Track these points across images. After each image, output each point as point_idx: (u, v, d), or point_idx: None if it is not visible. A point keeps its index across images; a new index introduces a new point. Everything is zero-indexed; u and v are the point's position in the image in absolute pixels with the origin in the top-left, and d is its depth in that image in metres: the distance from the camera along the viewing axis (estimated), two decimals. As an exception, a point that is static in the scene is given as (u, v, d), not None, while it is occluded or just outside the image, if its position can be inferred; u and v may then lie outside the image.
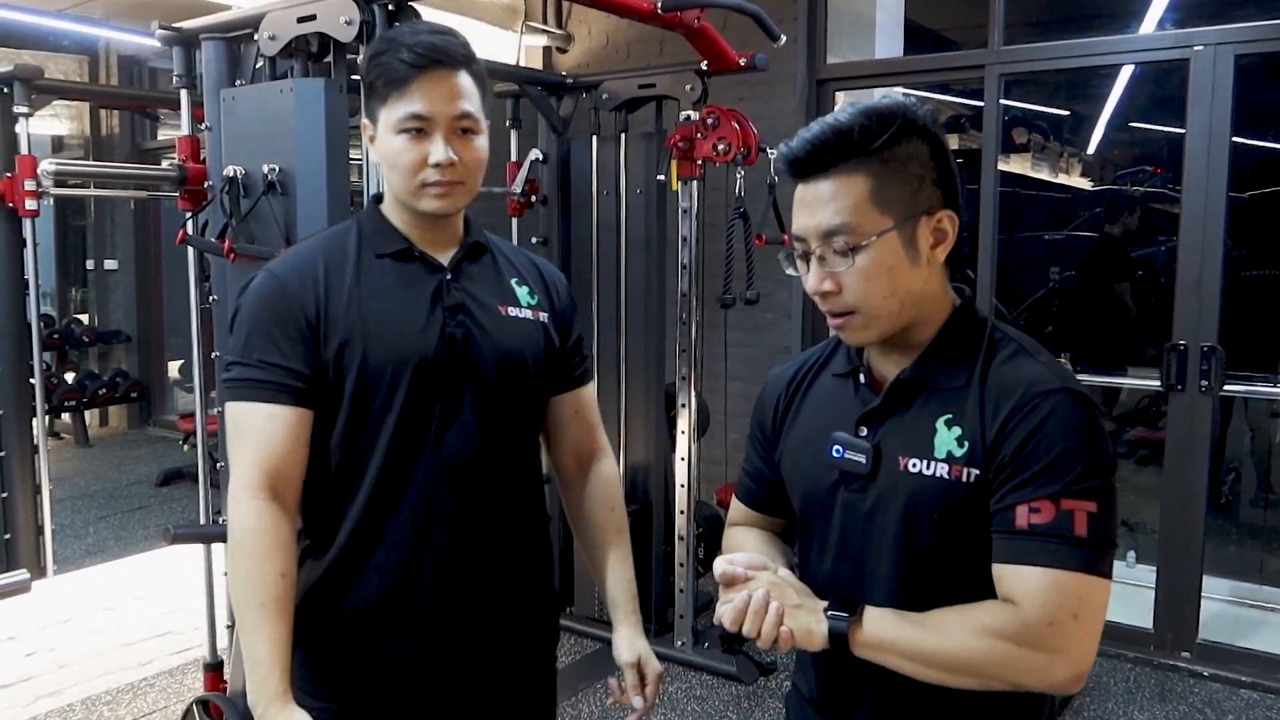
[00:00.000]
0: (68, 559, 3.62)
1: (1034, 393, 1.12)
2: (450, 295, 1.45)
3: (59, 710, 3.28)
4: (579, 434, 1.64)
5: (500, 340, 1.47)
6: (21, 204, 3.16)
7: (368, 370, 1.39)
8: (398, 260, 1.46)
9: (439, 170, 1.39)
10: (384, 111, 1.41)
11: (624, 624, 1.58)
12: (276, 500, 1.37)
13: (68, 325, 6.34)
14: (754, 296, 3.54)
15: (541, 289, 1.58)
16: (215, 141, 2.59)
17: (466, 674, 1.48)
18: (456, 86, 1.40)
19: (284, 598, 1.35)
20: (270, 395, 1.37)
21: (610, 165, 3.84)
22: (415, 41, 1.38)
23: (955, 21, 6.12)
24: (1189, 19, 4.80)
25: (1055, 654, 1.06)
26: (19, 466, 3.35)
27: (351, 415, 1.41)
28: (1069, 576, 1.06)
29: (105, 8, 4.15)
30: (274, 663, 1.32)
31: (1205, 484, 3.64)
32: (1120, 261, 5.61)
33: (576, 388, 1.62)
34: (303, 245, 1.52)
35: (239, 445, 1.39)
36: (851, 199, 1.13)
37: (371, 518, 1.42)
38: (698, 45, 3.42)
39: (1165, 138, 7.31)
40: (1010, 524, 1.10)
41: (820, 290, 1.17)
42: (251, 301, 1.43)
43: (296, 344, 1.39)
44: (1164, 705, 3.40)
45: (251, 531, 1.35)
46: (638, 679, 1.54)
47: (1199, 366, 3.56)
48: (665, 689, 3.49)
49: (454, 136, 1.40)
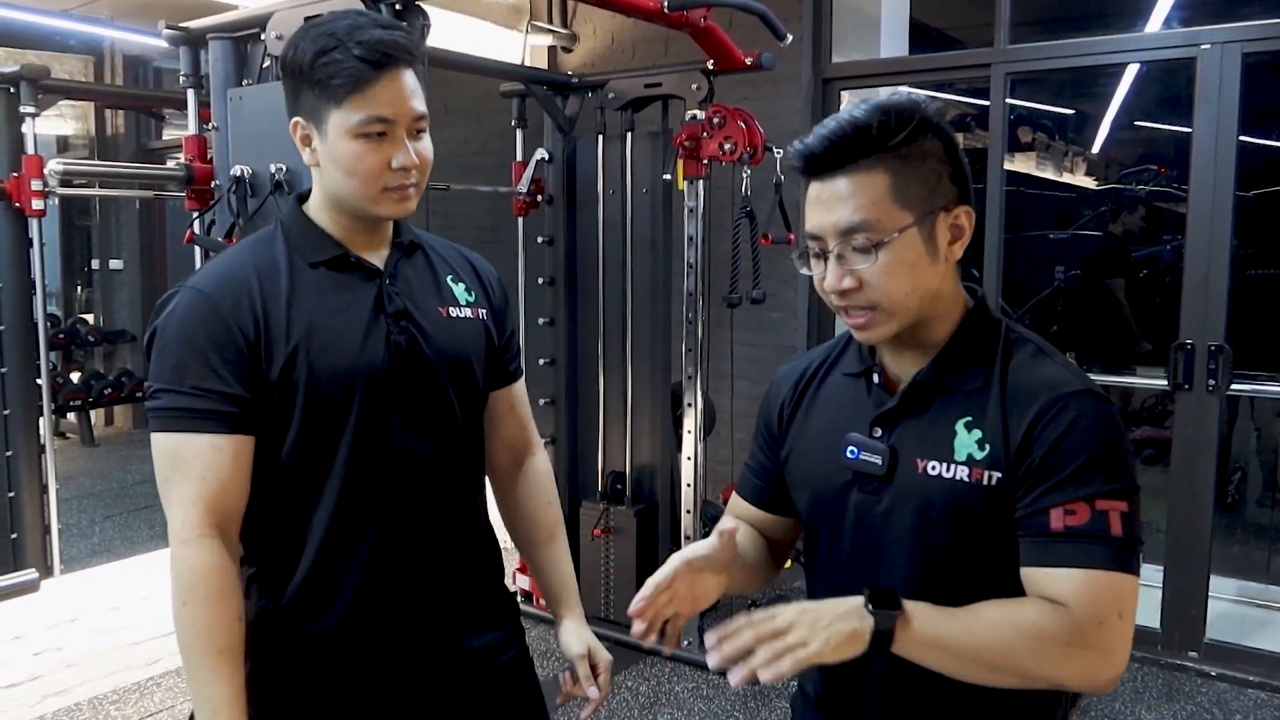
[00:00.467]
0: (74, 558, 3.62)
1: (1058, 395, 1.11)
2: (392, 301, 1.40)
3: (66, 709, 3.29)
4: (513, 430, 1.61)
5: (445, 344, 1.43)
6: (28, 204, 3.17)
7: (318, 386, 1.33)
8: (332, 269, 1.39)
9: (403, 174, 1.33)
10: (337, 113, 1.30)
11: (568, 617, 1.56)
12: (223, 537, 1.29)
13: (73, 325, 6.35)
14: (760, 296, 3.54)
15: (477, 285, 1.54)
16: (222, 141, 2.60)
17: (441, 686, 1.46)
18: (412, 85, 1.33)
19: (239, 643, 1.29)
20: (211, 425, 1.28)
21: (616, 164, 3.83)
22: (369, 38, 1.29)
23: (960, 20, 6.11)
24: (1196, 17, 4.80)
25: (1103, 654, 1.06)
26: (26, 466, 3.36)
27: (303, 432, 1.34)
28: (1110, 577, 1.06)
29: (111, 8, 4.15)
30: (234, 710, 1.25)
31: (1213, 483, 3.63)
32: (1125, 260, 5.60)
33: (511, 383, 1.59)
34: (228, 257, 1.41)
35: (179, 480, 1.28)
36: (871, 195, 1.12)
37: (338, 535, 1.36)
38: (704, 44, 3.42)
39: (1170, 137, 7.30)
40: (1045, 527, 1.09)
41: (840, 288, 1.15)
42: (180, 322, 1.31)
43: (235, 366, 1.30)
44: (1171, 705, 3.39)
45: (205, 574, 1.26)
46: (589, 669, 1.52)
47: (1206, 366, 3.56)
48: (671, 688, 3.49)
49: (413, 137, 1.34)
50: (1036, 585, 1.09)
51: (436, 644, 1.45)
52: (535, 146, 3.99)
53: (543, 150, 3.96)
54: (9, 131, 3.31)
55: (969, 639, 1.07)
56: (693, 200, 3.57)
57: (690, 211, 3.58)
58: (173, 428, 1.29)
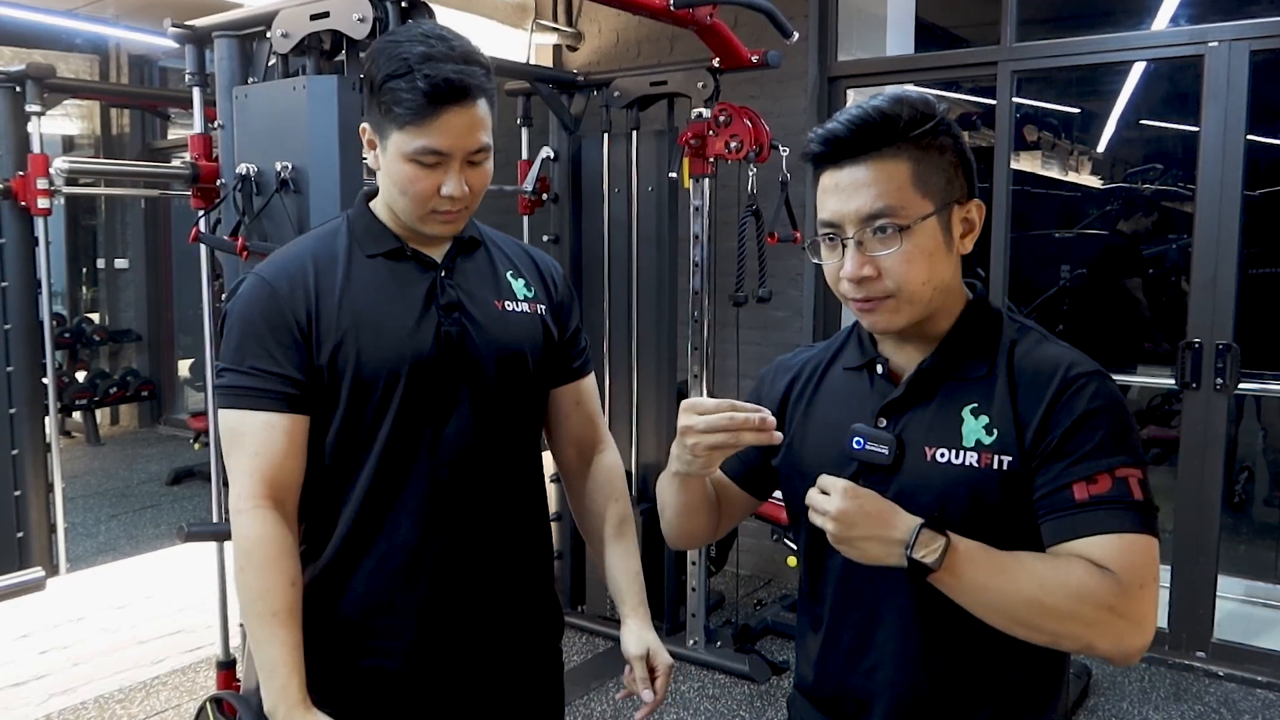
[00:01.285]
0: (79, 557, 3.62)
1: (1074, 375, 1.13)
2: (445, 293, 1.43)
3: (72, 708, 3.29)
4: (580, 426, 1.62)
5: (498, 336, 1.45)
6: (34, 203, 3.16)
7: (363, 373, 1.37)
8: (390, 259, 1.44)
9: (451, 201, 1.37)
10: (396, 135, 1.35)
11: (631, 616, 1.55)
12: (279, 509, 1.36)
13: (78, 324, 6.36)
14: (766, 294, 3.53)
15: (538, 280, 1.55)
16: (228, 139, 2.59)
17: (467, 676, 1.46)
18: (476, 118, 1.36)
19: (295, 605, 1.35)
20: (266, 403, 1.35)
21: (622, 163, 3.83)
22: (437, 73, 1.31)
23: (966, 19, 6.09)
24: (1203, 15, 4.78)
25: (1139, 619, 1.07)
26: (32, 465, 3.35)
27: (347, 417, 1.39)
28: (1142, 539, 1.08)
29: (116, 7, 4.15)
30: (292, 669, 1.31)
31: (1221, 483, 3.62)
32: (1132, 259, 5.58)
33: (577, 379, 1.61)
34: (291, 246, 1.49)
35: (237, 454, 1.37)
36: (896, 182, 1.13)
37: (367, 519, 1.40)
38: (710, 42, 3.41)
39: (1176, 135, 7.28)
40: (1069, 500, 1.09)
41: (860, 276, 1.15)
42: (242, 306, 1.40)
43: (289, 350, 1.37)
44: (1179, 705, 3.38)
45: (259, 542, 1.34)
46: (647, 672, 1.51)
47: (1214, 364, 3.55)
48: (678, 688, 3.49)
49: (466, 167, 1.37)
50: (1072, 554, 1.09)
51: (473, 636, 1.46)
52: (540, 145, 3.99)
53: (548, 149, 3.96)
54: (15, 130, 3.30)
55: (1011, 590, 1.07)
56: (698, 198, 3.56)
57: (696, 210, 3.57)
58: (232, 405, 1.37)
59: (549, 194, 4.00)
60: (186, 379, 6.46)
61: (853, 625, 1.24)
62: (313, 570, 1.43)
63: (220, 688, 2.91)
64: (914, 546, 1.06)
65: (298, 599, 1.35)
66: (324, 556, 1.42)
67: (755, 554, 4.44)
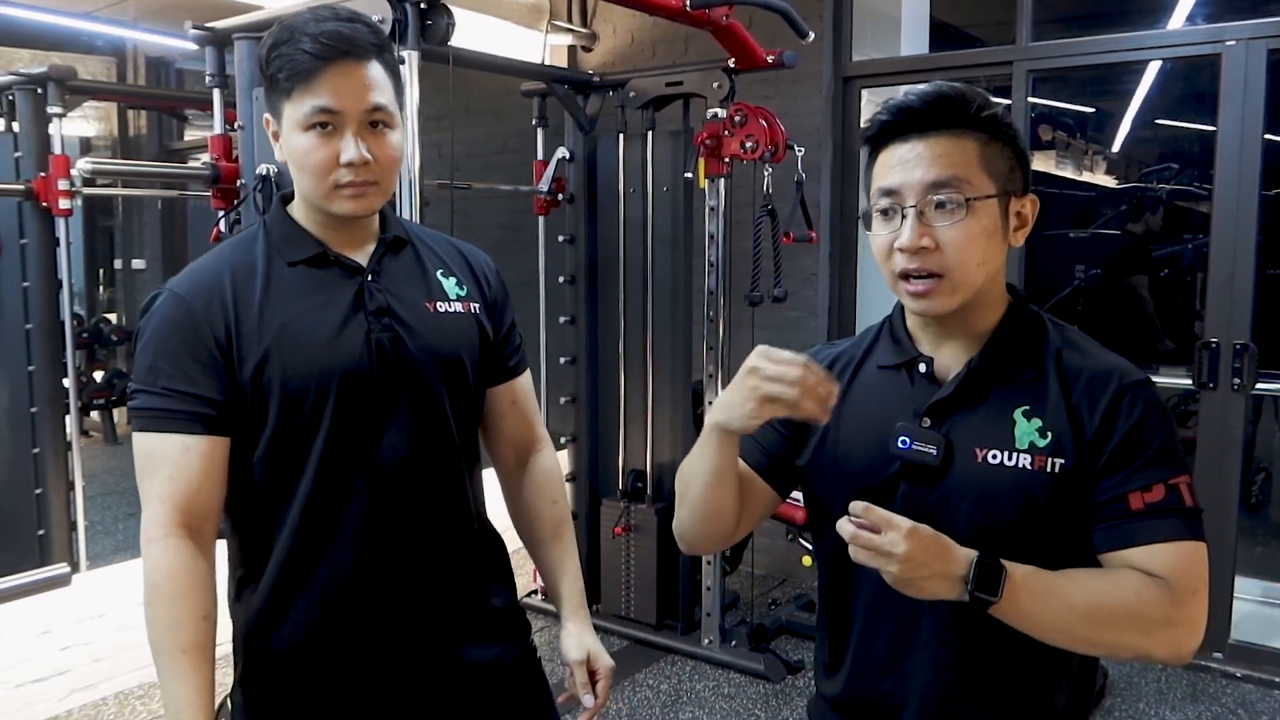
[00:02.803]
0: (99, 555, 3.64)
1: (1127, 384, 1.15)
2: (373, 299, 1.36)
3: (92, 704, 3.32)
4: (516, 426, 1.56)
5: (431, 340, 1.39)
6: (55, 203, 3.20)
7: (290, 388, 1.30)
8: (312, 266, 1.36)
9: (352, 170, 1.29)
10: (288, 106, 1.29)
11: (570, 619, 1.51)
12: (193, 538, 1.28)
13: (96, 324, 6.40)
14: (781, 294, 3.54)
15: (470, 277, 1.49)
16: (248, 140, 2.61)
17: (426, 692, 1.41)
18: (367, 78, 1.29)
19: (205, 642, 1.26)
20: (181, 425, 1.27)
21: (637, 163, 3.84)
22: (320, 30, 1.27)
23: (980, 18, 6.08)
24: (1220, 13, 4.76)
25: (1193, 624, 1.10)
26: (52, 463, 3.39)
27: (276, 434, 1.32)
28: (1195, 546, 1.10)
29: (136, 9, 4.19)
30: (199, 709, 1.22)
31: (1238, 484, 3.60)
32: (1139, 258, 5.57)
33: (512, 378, 1.55)
34: (206, 258, 1.40)
35: (150, 479, 1.28)
36: (965, 157, 1.14)
37: (305, 541, 1.34)
38: (725, 43, 3.42)
39: (1192, 135, 7.24)
40: (1125, 509, 1.11)
41: (918, 245, 1.13)
42: (156, 324, 1.31)
43: (207, 369, 1.29)
44: (1196, 706, 3.37)
45: (168, 573, 1.26)
46: (587, 676, 1.47)
47: (1231, 364, 3.53)
48: (693, 687, 3.49)
49: (366, 132, 1.30)
50: (1127, 563, 1.11)
51: (424, 656, 1.40)
52: (556, 145, 4.00)
53: (564, 149, 3.97)
54: (36, 132, 3.34)
55: (1067, 611, 1.08)
56: (714, 199, 3.57)
57: (711, 210, 3.58)
58: (146, 427, 1.29)
59: (564, 194, 4.01)
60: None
61: (888, 631, 1.22)
62: (251, 596, 1.36)
63: (239, 684, 2.93)
64: (974, 580, 1.05)
65: (209, 635, 1.27)
66: (262, 581, 1.35)
67: (770, 554, 4.44)
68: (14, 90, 3.38)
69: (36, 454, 3.39)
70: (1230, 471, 3.58)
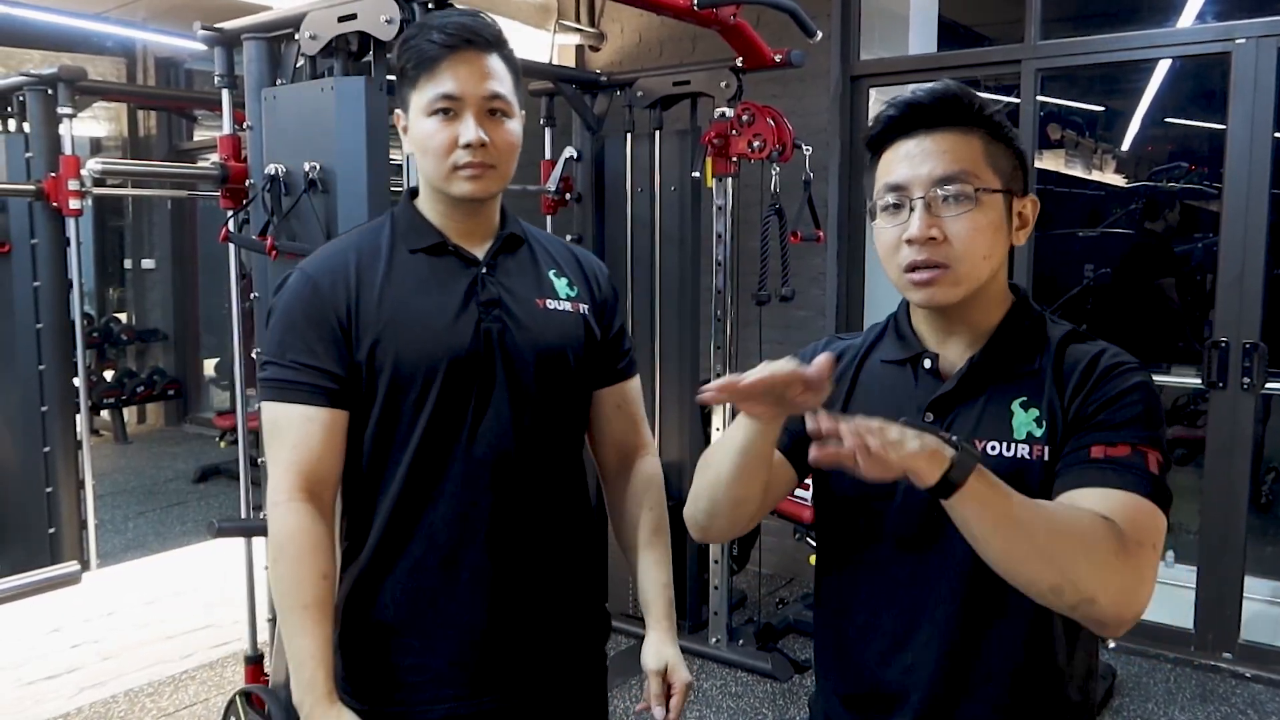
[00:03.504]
0: (109, 553, 3.66)
1: (1114, 363, 1.15)
2: (485, 290, 1.42)
3: (102, 701, 3.34)
4: (622, 429, 1.59)
5: (537, 335, 1.44)
6: (66, 204, 3.21)
7: (400, 368, 1.37)
8: (431, 255, 1.44)
9: (470, 151, 1.36)
10: (415, 95, 1.39)
11: (654, 629, 1.51)
12: (314, 502, 1.36)
13: (106, 324, 6.43)
14: (789, 293, 3.53)
15: (581, 280, 1.54)
16: (256, 140, 2.62)
17: (509, 674, 1.44)
18: (487, 67, 1.38)
19: (325, 599, 1.35)
20: (305, 396, 1.36)
21: (645, 163, 3.84)
22: (445, 23, 1.37)
23: (988, 18, 6.07)
24: (1230, 11, 4.74)
25: (1140, 577, 1.03)
26: (63, 462, 3.40)
27: (383, 413, 1.39)
28: (1148, 505, 1.07)
29: (146, 10, 4.20)
30: (319, 662, 1.31)
31: (1247, 483, 3.59)
32: (1163, 258, 5.55)
33: (619, 381, 1.58)
34: (336, 242, 1.50)
35: (275, 447, 1.38)
36: (971, 152, 1.16)
37: (402, 516, 1.40)
38: (733, 42, 3.42)
39: (1201, 133, 7.22)
40: (1085, 457, 1.10)
41: (926, 235, 1.14)
42: (285, 301, 1.41)
43: (329, 344, 1.37)
44: (1205, 706, 3.36)
45: (291, 534, 1.35)
46: (662, 688, 1.48)
47: (1241, 364, 3.52)
48: (700, 685, 3.49)
49: (485, 118, 1.38)
50: (1075, 504, 1.08)
51: (511, 638, 1.44)
52: (564, 145, 4.01)
53: (571, 149, 3.97)
54: (47, 132, 3.35)
55: (1027, 517, 1.02)
56: (721, 198, 3.57)
57: (719, 209, 3.58)
58: (273, 398, 1.38)
59: (572, 194, 4.01)
60: (212, 378, 6.52)
61: (890, 622, 1.22)
62: (354, 569, 1.43)
63: (248, 682, 2.94)
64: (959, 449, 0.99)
65: (330, 593, 1.35)
66: (363, 554, 1.42)
67: (777, 553, 4.44)
68: (25, 91, 3.39)
69: (47, 453, 3.40)
70: (1240, 471, 3.57)
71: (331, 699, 1.31)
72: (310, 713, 1.31)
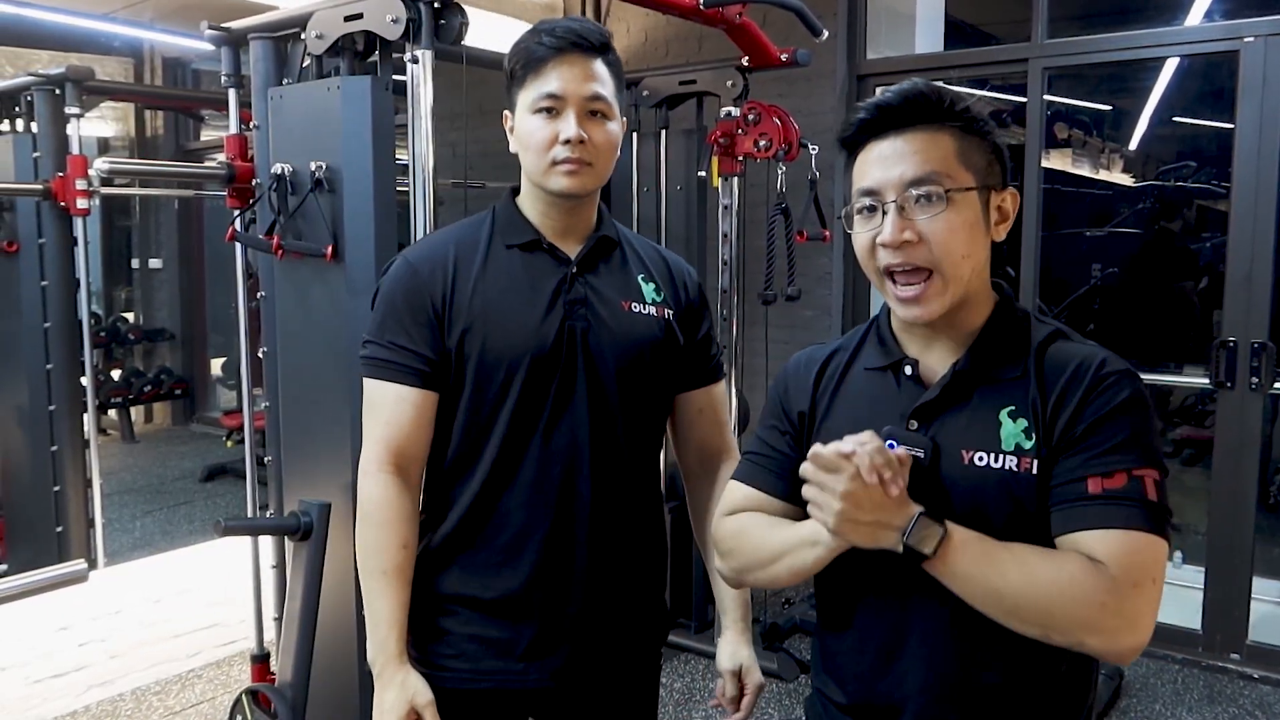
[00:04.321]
0: (116, 552, 3.67)
1: (1105, 373, 1.13)
2: (574, 289, 1.47)
3: (109, 699, 3.34)
4: (705, 432, 1.63)
5: (620, 336, 1.48)
6: (73, 203, 3.22)
7: (486, 359, 1.43)
8: (526, 252, 1.49)
9: (569, 147, 1.41)
10: (521, 94, 1.45)
11: (729, 630, 1.59)
12: (401, 475, 1.44)
13: (114, 323, 6.45)
14: (795, 293, 3.53)
15: (669, 285, 1.58)
16: (263, 140, 2.62)
17: (563, 657, 1.48)
18: (591, 70, 1.44)
19: (404, 566, 1.43)
20: (399, 376, 1.44)
21: (650, 162, 3.84)
22: (555, 26, 1.44)
23: (994, 16, 6.06)
24: (1238, 9, 4.72)
25: (1132, 619, 1.05)
26: (70, 461, 3.42)
27: (472, 402, 1.45)
28: (1147, 538, 1.06)
29: (153, 10, 4.21)
30: (393, 625, 1.41)
31: (1255, 484, 3.58)
32: (1171, 258, 5.53)
33: (704, 385, 1.62)
34: (438, 233, 1.58)
35: (371, 421, 1.46)
36: (941, 152, 1.15)
37: (483, 501, 1.46)
38: (739, 41, 3.41)
39: (1209, 133, 7.19)
40: (1082, 493, 1.09)
41: (899, 240, 1.14)
42: (388, 285, 1.48)
43: (424, 329, 1.44)
44: (1213, 707, 3.34)
45: (377, 504, 1.43)
46: (736, 688, 1.55)
47: (1249, 364, 3.51)
48: (706, 685, 3.49)
49: (586, 118, 1.43)
50: (1073, 549, 1.08)
51: (563, 621, 1.48)
52: (569, 144, 4.00)
53: (577, 148, 3.97)
54: (55, 132, 3.36)
55: (1000, 580, 1.07)
56: (727, 197, 3.56)
57: (725, 208, 3.58)
58: (371, 375, 1.47)
59: (578, 193, 4.01)
60: (218, 377, 6.54)
61: (883, 631, 1.21)
62: (428, 540, 1.50)
63: (255, 680, 2.95)
64: (911, 533, 1.07)
65: (408, 561, 1.44)
66: (441, 529, 1.49)
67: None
68: (32, 91, 3.40)
69: (55, 452, 3.42)
70: (1248, 471, 3.56)
71: (402, 660, 1.41)
72: (382, 671, 1.41)
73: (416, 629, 1.49)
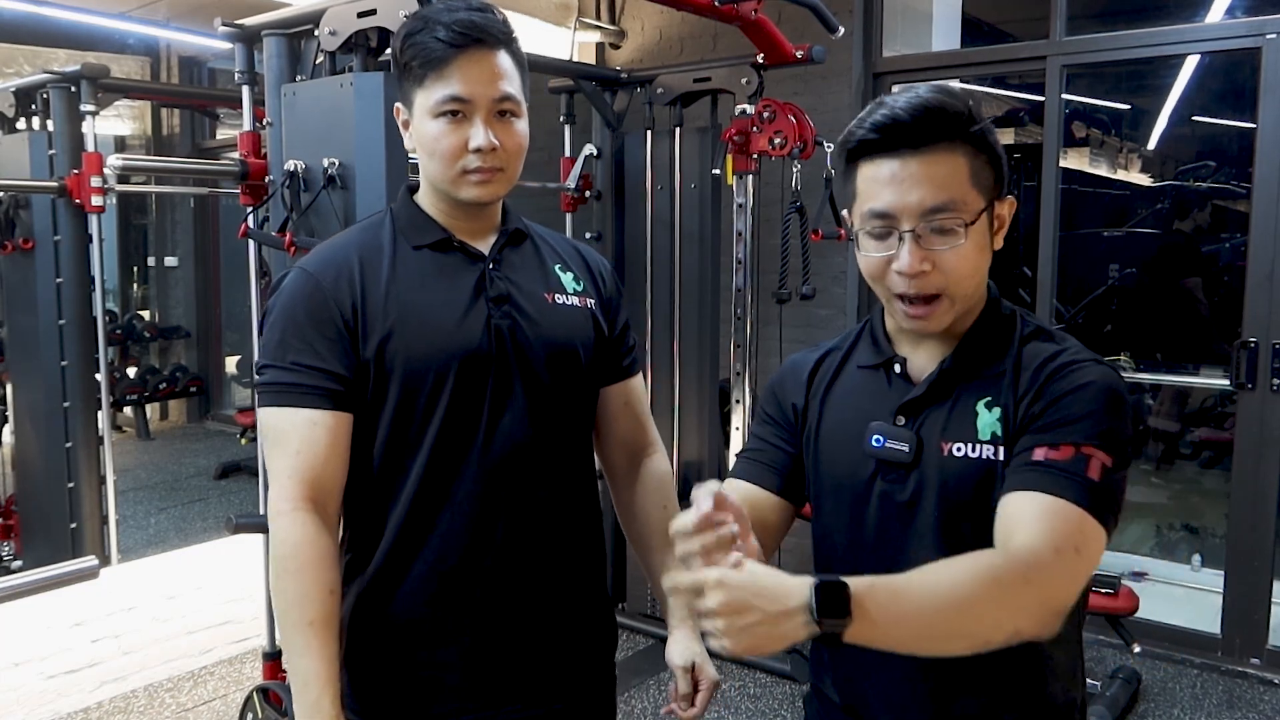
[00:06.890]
0: (130, 549, 3.69)
1: (1069, 360, 1.13)
2: (494, 285, 1.38)
3: (123, 695, 3.35)
4: (629, 427, 1.56)
5: (549, 330, 1.40)
6: (88, 200, 3.24)
7: (412, 367, 1.32)
8: (436, 251, 1.39)
9: (480, 156, 1.32)
10: (420, 94, 1.33)
11: (679, 627, 1.51)
12: (319, 512, 1.29)
13: (129, 321, 6.48)
14: (809, 292, 3.50)
15: (586, 275, 1.51)
16: (276, 137, 2.62)
17: (521, 681, 1.41)
18: (497, 67, 1.32)
19: (332, 615, 1.28)
20: (309, 400, 1.29)
21: (665, 160, 3.82)
22: (453, 19, 1.30)
23: (1013, 14, 6.01)
24: (1260, 6, 4.67)
25: (1051, 582, 1.00)
26: (85, 458, 3.43)
27: (396, 415, 1.33)
28: (1076, 511, 1.03)
29: (169, 8, 4.23)
30: (325, 683, 1.24)
31: (1276, 486, 3.53)
32: (1191, 257, 5.48)
33: (625, 378, 1.55)
34: (336, 239, 1.44)
35: (277, 454, 1.30)
36: (957, 176, 1.11)
37: (416, 522, 1.35)
38: (754, 38, 3.39)
39: (1230, 131, 7.12)
40: (1028, 460, 1.07)
41: (918, 270, 1.12)
42: (285, 299, 1.34)
43: (334, 344, 1.31)
44: (1232, 712, 3.30)
45: (296, 547, 1.27)
46: (690, 685, 1.47)
47: (1270, 364, 3.46)
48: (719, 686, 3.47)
49: (494, 120, 1.33)
50: (1003, 511, 1.06)
51: (516, 642, 1.40)
52: (583, 142, 4.00)
53: (591, 146, 3.96)
54: (70, 130, 3.38)
55: (927, 617, 0.96)
56: (742, 195, 3.55)
57: (739, 207, 3.56)
58: (273, 402, 1.31)
59: (592, 191, 4.00)
60: (233, 375, 6.56)
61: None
62: (361, 579, 1.37)
63: (266, 678, 2.95)
64: (819, 608, 0.92)
65: (336, 609, 1.29)
66: (373, 563, 1.36)
67: (795, 554, 4.39)
68: (48, 88, 3.42)
69: (69, 448, 3.43)
70: (1268, 474, 3.51)
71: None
72: None
73: (356, 676, 1.37)
